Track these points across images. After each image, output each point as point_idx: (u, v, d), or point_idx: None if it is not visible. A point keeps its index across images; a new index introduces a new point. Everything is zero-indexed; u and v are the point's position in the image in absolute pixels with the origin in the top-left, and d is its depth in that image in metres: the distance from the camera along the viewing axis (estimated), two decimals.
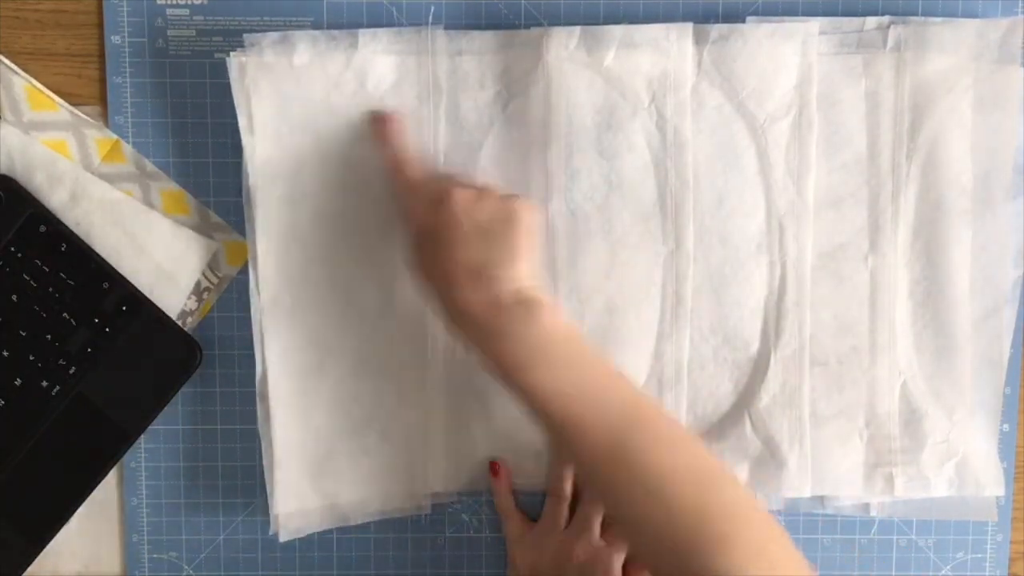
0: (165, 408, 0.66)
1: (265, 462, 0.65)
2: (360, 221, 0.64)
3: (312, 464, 0.65)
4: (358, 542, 0.68)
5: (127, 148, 0.65)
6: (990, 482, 0.66)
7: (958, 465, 0.66)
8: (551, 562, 0.64)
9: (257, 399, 0.65)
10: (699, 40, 0.63)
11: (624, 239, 0.65)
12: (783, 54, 0.63)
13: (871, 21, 0.64)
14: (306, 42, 0.63)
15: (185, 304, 0.66)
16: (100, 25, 0.65)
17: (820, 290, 0.65)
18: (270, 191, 0.64)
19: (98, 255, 0.64)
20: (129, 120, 0.65)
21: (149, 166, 0.65)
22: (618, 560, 0.65)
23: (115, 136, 0.65)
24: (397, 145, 0.62)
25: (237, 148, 0.63)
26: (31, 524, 0.65)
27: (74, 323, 0.64)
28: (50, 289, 0.64)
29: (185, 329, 0.66)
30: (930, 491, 0.66)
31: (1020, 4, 0.65)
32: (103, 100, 0.65)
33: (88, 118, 0.65)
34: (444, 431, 0.66)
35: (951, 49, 0.64)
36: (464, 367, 0.66)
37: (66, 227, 0.64)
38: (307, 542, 0.67)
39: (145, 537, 0.67)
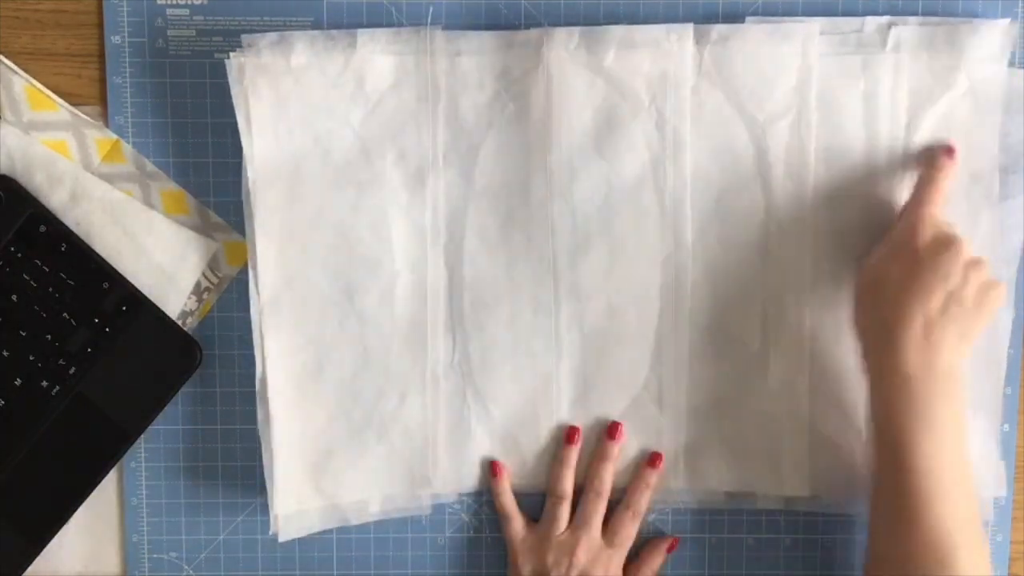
0: (165, 408, 0.66)
1: (265, 462, 0.65)
2: (360, 221, 0.64)
3: (312, 464, 0.65)
4: (358, 542, 0.68)
5: (127, 148, 0.65)
6: (990, 482, 0.66)
7: None
8: (552, 563, 0.64)
9: (257, 399, 0.65)
10: (699, 40, 0.63)
11: (624, 239, 0.65)
12: (782, 55, 0.63)
13: (870, 22, 0.64)
14: (304, 43, 0.63)
15: (185, 304, 0.66)
16: (100, 25, 0.65)
17: (820, 290, 0.65)
18: (270, 191, 0.64)
19: (98, 255, 0.64)
20: (129, 120, 0.65)
21: (149, 166, 0.65)
22: (618, 560, 0.66)
23: (115, 136, 0.65)
24: (942, 179, 0.62)
25: (237, 148, 0.63)
26: (31, 524, 0.65)
27: (74, 323, 0.64)
28: (50, 289, 0.64)
29: (185, 329, 0.66)
30: None
31: (1020, 4, 0.65)
32: (103, 100, 0.65)
33: (88, 118, 0.65)
34: (444, 431, 0.66)
35: (949, 50, 0.64)
36: (464, 367, 0.66)
37: (66, 227, 0.64)
38: (307, 542, 0.67)
39: (145, 537, 0.67)
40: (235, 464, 0.67)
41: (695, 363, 0.66)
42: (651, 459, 0.66)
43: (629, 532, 0.66)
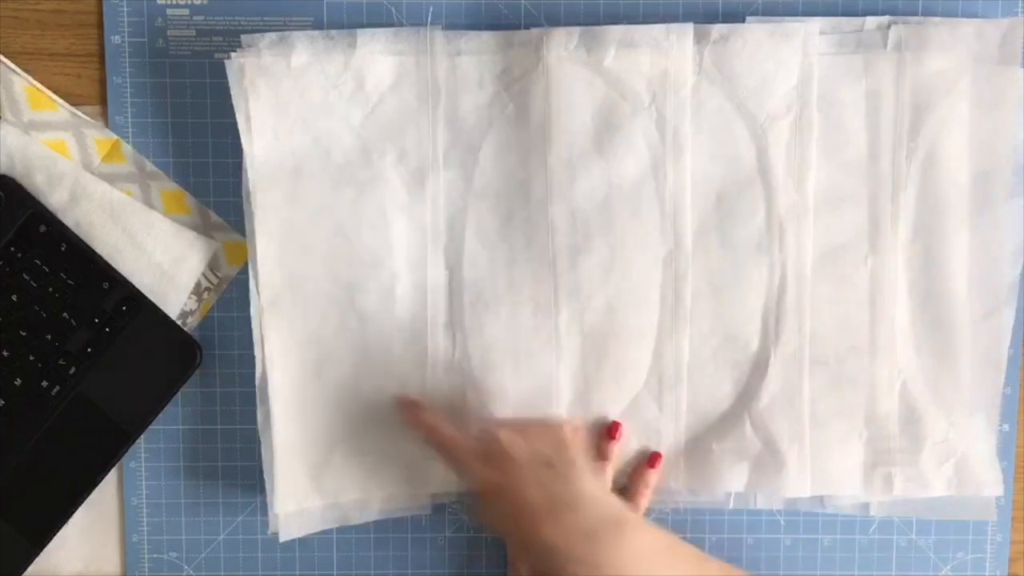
0: (165, 408, 0.66)
1: (265, 462, 0.65)
2: (360, 221, 0.64)
3: (312, 464, 0.65)
4: (358, 542, 0.68)
5: (127, 148, 0.65)
6: (989, 482, 0.66)
7: (957, 465, 0.66)
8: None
9: (257, 399, 0.65)
10: (699, 40, 0.63)
11: (624, 239, 0.65)
12: (783, 54, 0.63)
13: (871, 21, 0.64)
14: (304, 43, 0.63)
15: (185, 304, 0.66)
16: (100, 25, 0.65)
17: (820, 290, 0.65)
18: (270, 191, 0.64)
19: (98, 255, 0.64)
20: (129, 120, 0.65)
21: (149, 166, 0.65)
22: None
23: (115, 136, 0.65)
24: (429, 422, 0.62)
25: (237, 148, 0.63)
26: (31, 524, 0.65)
27: (74, 323, 0.64)
28: (50, 289, 0.64)
29: (185, 329, 0.66)
30: (929, 491, 0.66)
31: (1020, 4, 0.65)
32: (103, 100, 0.65)
33: (88, 118, 0.65)
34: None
35: (951, 49, 0.64)
36: (464, 367, 0.66)
37: (66, 227, 0.64)
38: (307, 542, 0.67)
39: (145, 537, 0.67)
40: (235, 464, 0.67)
41: (695, 363, 0.66)
42: (651, 459, 0.66)
43: None
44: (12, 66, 0.64)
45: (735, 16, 0.65)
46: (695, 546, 0.58)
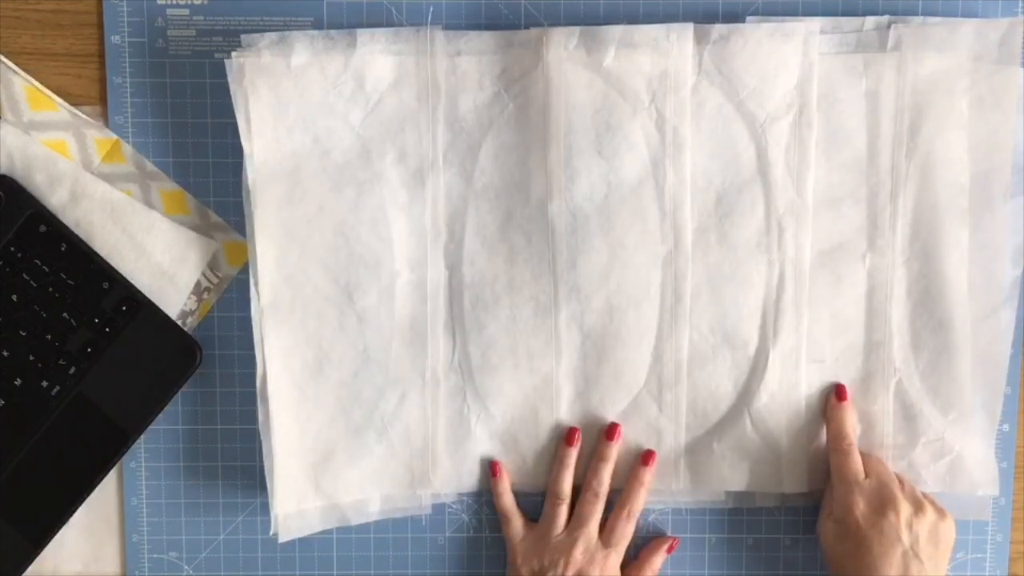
0: (165, 408, 0.66)
1: (265, 462, 0.65)
2: (360, 221, 0.64)
3: (312, 464, 0.65)
4: (358, 542, 0.68)
5: (127, 148, 0.65)
6: (984, 481, 0.66)
7: (951, 463, 0.66)
8: (549, 563, 0.64)
9: (257, 399, 0.65)
10: (699, 40, 0.63)
11: (623, 239, 0.65)
12: (783, 54, 0.63)
13: (871, 21, 0.64)
14: (304, 43, 0.63)
15: (185, 304, 0.66)
16: (100, 25, 0.65)
17: (818, 289, 0.65)
18: (270, 191, 0.64)
19: (98, 255, 0.64)
20: (129, 120, 0.65)
21: (149, 166, 0.66)
22: (615, 560, 0.66)
23: (115, 136, 0.65)
24: (848, 435, 0.64)
25: (237, 148, 0.63)
26: (31, 524, 0.65)
27: (74, 323, 0.64)
28: (50, 289, 0.64)
29: (185, 329, 0.66)
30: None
31: (1020, 4, 0.65)
32: (103, 100, 0.65)
33: (88, 118, 0.65)
34: (444, 431, 0.66)
35: (951, 49, 0.64)
36: (464, 367, 0.66)
37: (66, 227, 0.64)
38: (307, 542, 0.67)
39: (145, 537, 0.67)
40: (235, 464, 0.67)
41: (695, 363, 0.66)
42: (645, 457, 0.66)
43: (625, 531, 0.66)
44: (12, 66, 0.64)
45: (735, 16, 0.65)
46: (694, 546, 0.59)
